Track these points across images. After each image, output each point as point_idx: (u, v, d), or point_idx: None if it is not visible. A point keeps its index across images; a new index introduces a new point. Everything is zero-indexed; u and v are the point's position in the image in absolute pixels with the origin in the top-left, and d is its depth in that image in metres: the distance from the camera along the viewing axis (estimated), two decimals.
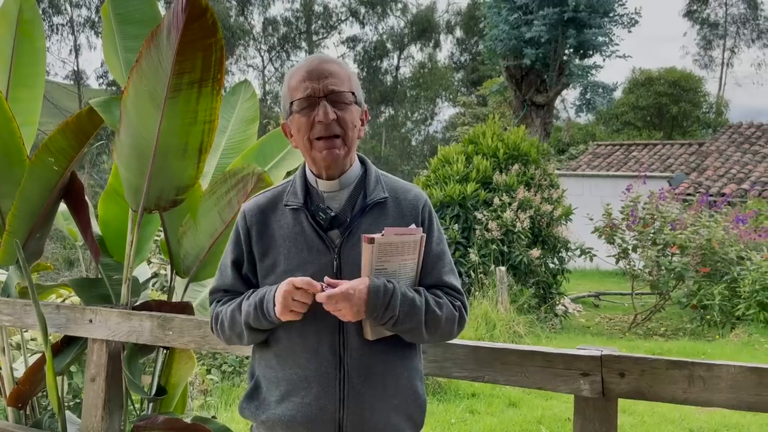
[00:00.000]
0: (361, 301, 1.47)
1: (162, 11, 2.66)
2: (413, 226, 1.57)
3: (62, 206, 2.87)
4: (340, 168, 1.60)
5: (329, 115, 1.52)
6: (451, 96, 38.11)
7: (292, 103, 1.56)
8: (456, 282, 1.65)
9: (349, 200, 1.61)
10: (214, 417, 4.23)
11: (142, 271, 3.03)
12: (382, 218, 1.60)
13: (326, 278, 1.49)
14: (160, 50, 2.12)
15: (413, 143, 39.54)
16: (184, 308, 2.59)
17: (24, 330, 3.17)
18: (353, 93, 1.57)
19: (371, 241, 1.46)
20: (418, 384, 1.65)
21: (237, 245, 1.67)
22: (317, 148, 1.56)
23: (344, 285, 1.47)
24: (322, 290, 1.48)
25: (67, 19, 31.27)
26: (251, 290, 1.63)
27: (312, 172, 1.64)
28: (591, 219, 9.83)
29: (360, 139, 1.64)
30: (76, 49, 31.80)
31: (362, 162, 1.69)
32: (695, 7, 36.05)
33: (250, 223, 1.65)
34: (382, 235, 1.48)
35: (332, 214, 1.59)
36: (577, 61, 19.77)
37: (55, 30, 31.17)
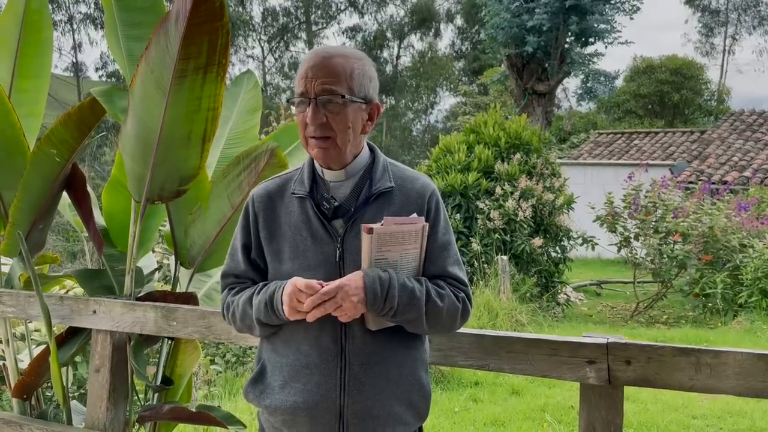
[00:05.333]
0: (360, 292, 1.46)
1: None
2: (415, 215, 1.56)
3: (67, 198, 2.86)
4: (340, 162, 1.60)
5: (316, 119, 1.51)
6: (451, 85, 38.00)
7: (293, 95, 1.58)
8: (461, 273, 1.63)
9: (355, 189, 1.61)
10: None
11: (148, 263, 3.01)
12: (387, 207, 1.59)
13: (321, 282, 1.48)
14: (168, 36, 2.11)
15: (414, 133, 39.47)
16: (188, 299, 2.59)
17: (28, 321, 3.18)
18: (351, 92, 1.53)
19: (370, 231, 1.46)
20: (422, 374, 1.64)
21: (245, 229, 1.68)
22: (311, 145, 1.57)
23: (338, 280, 1.47)
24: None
25: (67, 15, 31.32)
26: (261, 284, 1.63)
27: None
28: (593, 208, 9.81)
29: (366, 134, 1.62)
30: (78, 44, 31.86)
31: (371, 150, 1.68)
32: None
33: (258, 209, 1.66)
34: (382, 224, 1.47)
35: (336, 203, 1.58)
36: (578, 49, 19.70)
37: (55, 26, 31.19)
